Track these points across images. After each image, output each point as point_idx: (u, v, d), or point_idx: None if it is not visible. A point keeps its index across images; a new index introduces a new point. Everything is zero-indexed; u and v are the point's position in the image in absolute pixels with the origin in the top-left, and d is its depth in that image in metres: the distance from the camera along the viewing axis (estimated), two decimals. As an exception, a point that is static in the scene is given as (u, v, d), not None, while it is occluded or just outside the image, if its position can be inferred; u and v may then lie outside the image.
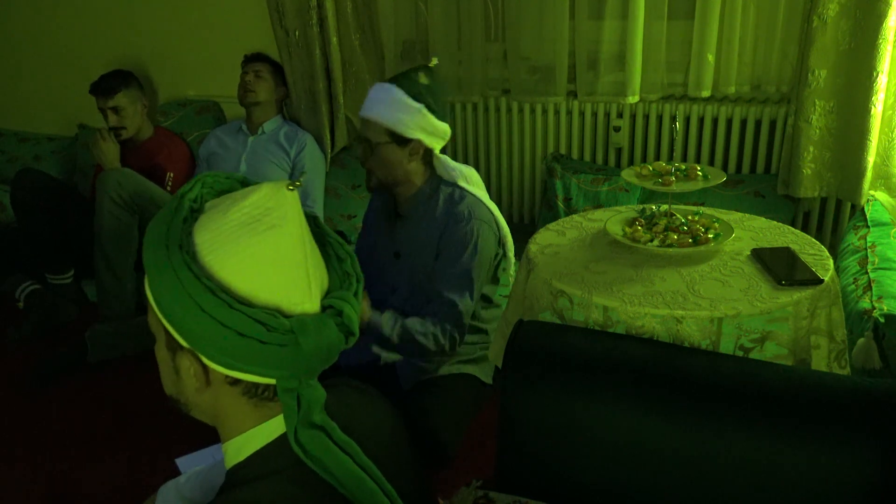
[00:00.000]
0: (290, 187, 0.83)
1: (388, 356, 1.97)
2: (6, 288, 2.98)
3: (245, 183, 0.91)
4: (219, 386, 0.85)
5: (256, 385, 0.84)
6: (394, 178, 1.96)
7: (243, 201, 0.82)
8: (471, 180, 2.02)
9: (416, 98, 1.88)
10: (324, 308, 0.85)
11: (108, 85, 3.00)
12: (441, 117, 1.92)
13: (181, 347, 0.83)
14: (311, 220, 0.91)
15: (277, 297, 0.81)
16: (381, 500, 0.85)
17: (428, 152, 1.96)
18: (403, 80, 1.90)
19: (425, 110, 1.89)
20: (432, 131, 1.92)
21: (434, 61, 1.99)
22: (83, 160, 3.52)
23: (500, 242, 2.01)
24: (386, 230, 2.06)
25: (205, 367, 0.83)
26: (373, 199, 2.22)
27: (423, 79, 1.91)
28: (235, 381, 0.84)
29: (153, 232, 0.83)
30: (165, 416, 2.22)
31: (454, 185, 1.99)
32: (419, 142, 1.91)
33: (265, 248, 0.80)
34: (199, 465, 1.32)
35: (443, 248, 1.94)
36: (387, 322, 1.85)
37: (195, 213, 0.86)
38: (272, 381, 0.83)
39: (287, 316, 0.81)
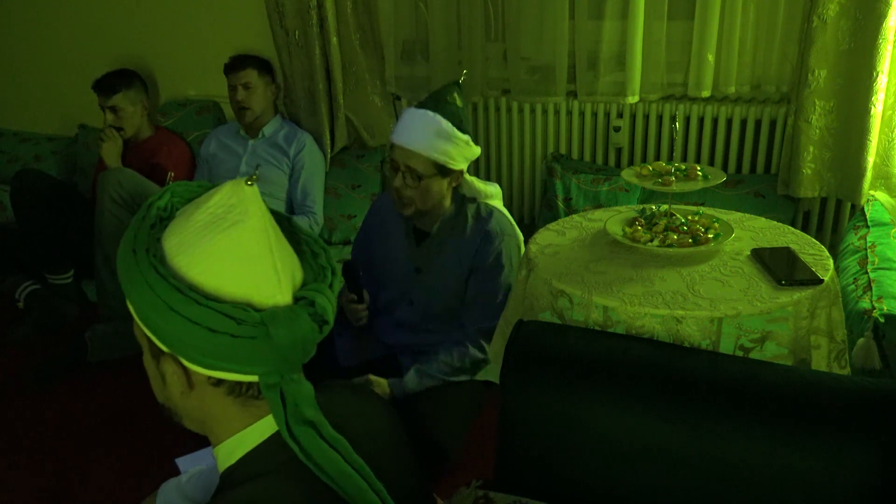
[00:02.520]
0: (249, 182, 0.84)
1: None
2: (6, 288, 2.98)
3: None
4: (203, 388, 0.85)
5: (240, 384, 0.84)
6: (432, 205, 1.93)
7: (207, 203, 0.84)
8: (493, 197, 2.03)
9: (460, 127, 1.85)
10: (297, 300, 0.85)
11: (108, 84, 3.01)
12: (476, 141, 1.92)
13: (162, 353, 0.84)
14: (285, 220, 0.92)
15: (246, 290, 0.81)
16: (371, 499, 0.85)
17: (461, 175, 1.95)
18: (444, 107, 1.84)
19: (471, 141, 1.88)
20: (471, 158, 1.92)
21: (463, 75, 1.97)
22: (83, 160, 3.52)
23: (520, 254, 2.02)
24: (402, 245, 2.05)
25: (186, 369, 0.84)
26: (376, 203, 2.20)
27: (458, 101, 1.87)
28: (218, 382, 0.84)
29: (123, 241, 0.85)
30: (165, 417, 2.22)
31: (475, 200, 2.00)
32: (461, 172, 1.92)
33: (229, 244, 0.81)
34: (199, 464, 1.32)
35: (477, 266, 1.95)
36: (412, 383, 1.91)
37: (164, 220, 0.87)
38: (254, 379, 0.83)
39: (258, 310, 0.81)
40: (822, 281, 1.38)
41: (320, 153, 3.02)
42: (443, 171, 1.87)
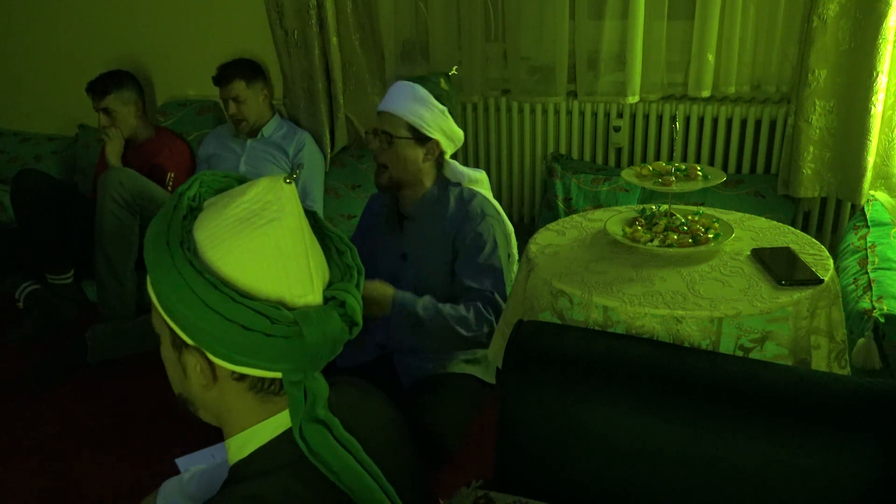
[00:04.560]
0: (287, 180, 0.84)
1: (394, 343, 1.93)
2: (6, 288, 2.98)
3: (243, 181, 0.91)
4: (225, 382, 0.85)
5: (262, 379, 0.85)
6: (406, 176, 1.96)
7: (242, 197, 0.83)
8: (479, 182, 2.05)
9: (439, 99, 1.92)
10: (326, 300, 0.85)
11: (100, 87, 3.01)
12: (458, 124, 1.97)
13: (186, 345, 0.84)
14: (310, 215, 0.91)
15: (280, 289, 0.81)
16: (380, 498, 0.85)
17: (441, 156, 1.98)
18: (426, 82, 1.93)
19: (447, 112, 1.93)
20: (450, 135, 1.96)
21: (454, 70, 2.04)
22: (83, 160, 3.52)
23: (507, 240, 2.03)
24: (390, 232, 2.06)
25: (211, 363, 0.83)
26: (370, 202, 2.21)
27: (444, 84, 1.95)
28: (242, 377, 0.84)
29: (154, 231, 0.83)
30: (165, 417, 2.22)
31: (460, 185, 2.01)
32: (437, 142, 1.94)
33: (265, 242, 0.80)
34: (198, 464, 1.32)
35: (460, 246, 1.96)
36: (414, 298, 1.86)
37: (194, 211, 0.86)
38: (278, 375, 0.84)
39: (290, 308, 0.81)
40: (822, 281, 1.38)
41: (320, 153, 3.02)
42: (417, 136, 1.91)
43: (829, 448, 1.09)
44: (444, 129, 1.94)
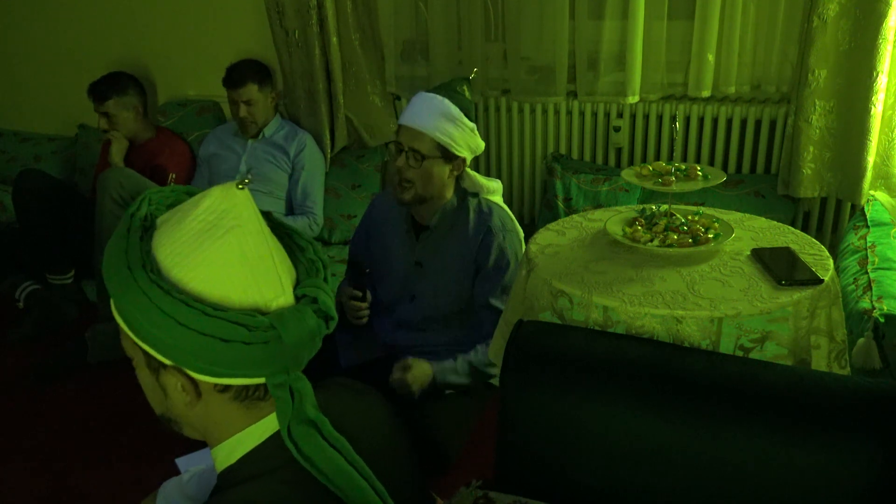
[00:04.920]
0: (240, 186, 0.83)
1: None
2: (6, 288, 2.98)
3: (191, 194, 0.89)
4: (209, 396, 0.84)
5: (246, 387, 0.84)
6: (431, 192, 1.92)
7: (195, 209, 0.82)
8: (495, 193, 2.04)
9: (467, 114, 1.87)
10: (297, 298, 0.85)
11: (100, 91, 3.01)
12: (481, 136, 1.94)
13: (164, 366, 0.83)
14: (265, 214, 0.90)
15: (252, 296, 0.81)
16: (372, 498, 0.85)
17: (463, 169, 1.96)
18: (453, 95, 1.87)
19: (476, 131, 1.89)
20: (475, 149, 1.93)
21: (474, 73, 2.00)
22: (83, 160, 3.52)
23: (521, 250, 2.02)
24: (405, 240, 2.04)
25: (192, 380, 0.83)
26: (375, 201, 2.19)
27: (467, 93, 1.90)
28: (225, 388, 0.83)
29: (111, 257, 0.82)
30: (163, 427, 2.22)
31: (477, 195, 2.00)
32: (463, 160, 1.91)
33: (229, 251, 0.80)
34: (199, 464, 1.32)
35: (482, 263, 1.94)
36: (452, 368, 1.90)
37: (148, 230, 0.85)
38: (262, 381, 0.83)
39: (264, 313, 0.81)
40: (822, 281, 1.38)
41: (320, 153, 3.02)
42: (445, 154, 1.87)
43: (829, 448, 1.09)
44: (472, 146, 1.90)
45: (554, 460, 1.27)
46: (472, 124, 1.87)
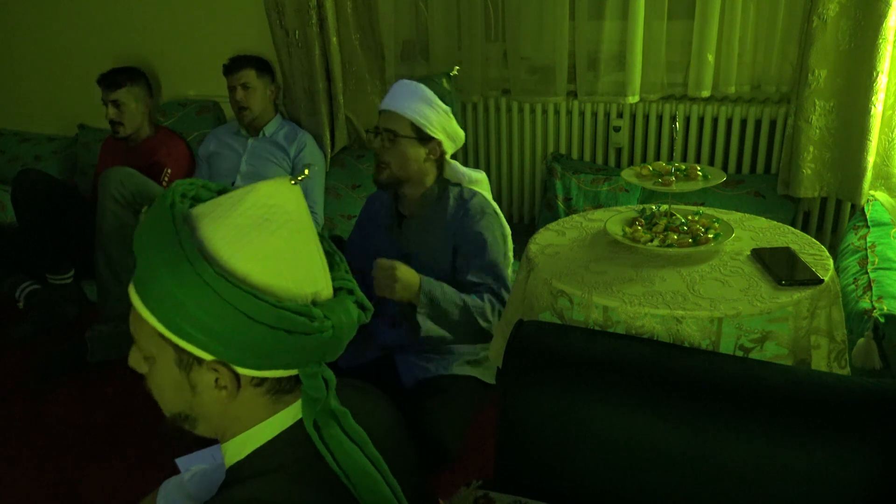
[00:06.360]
0: (293, 182, 0.84)
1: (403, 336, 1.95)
2: (6, 288, 2.98)
3: (207, 187, 0.90)
4: (244, 390, 0.85)
5: (280, 380, 0.85)
6: (407, 174, 1.97)
7: (243, 204, 0.82)
8: (479, 183, 2.05)
9: (443, 99, 1.93)
10: (335, 291, 0.88)
11: (114, 78, 3.04)
12: (460, 124, 1.98)
13: (199, 362, 0.82)
14: None
15: (306, 289, 0.83)
16: (385, 492, 0.85)
17: (442, 155, 1.98)
18: (429, 82, 1.94)
19: (451, 113, 1.94)
20: (452, 135, 1.97)
21: (455, 70, 2.04)
22: (83, 160, 3.52)
23: (505, 240, 2.03)
24: (390, 232, 2.06)
25: (236, 374, 0.83)
26: (369, 201, 2.21)
27: (445, 83, 1.96)
28: (262, 381, 0.84)
29: (164, 252, 0.78)
30: (165, 417, 2.22)
31: (460, 185, 2.02)
32: (439, 143, 1.95)
33: (285, 244, 0.82)
34: (199, 464, 1.32)
35: (460, 244, 1.96)
36: (439, 283, 1.85)
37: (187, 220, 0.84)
38: (294, 372, 0.85)
39: (316, 305, 0.83)
40: (822, 281, 1.38)
41: (321, 153, 3.02)
42: (420, 135, 1.92)
43: (829, 448, 1.09)
44: (447, 130, 1.95)
45: (554, 460, 1.27)
46: (445, 107, 1.93)
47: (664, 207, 1.70)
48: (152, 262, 0.79)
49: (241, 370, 0.82)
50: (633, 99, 2.70)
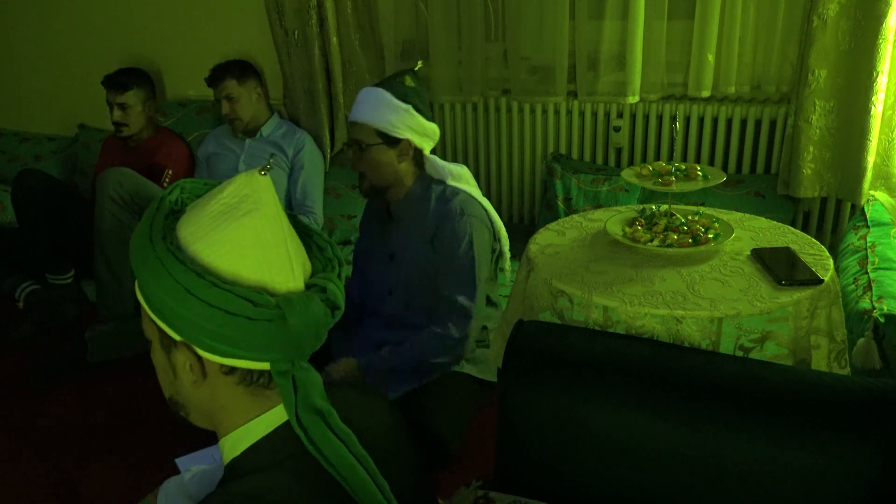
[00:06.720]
0: (262, 172, 0.86)
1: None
2: (6, 288, 2.98)
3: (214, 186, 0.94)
4: (215, 377, 0.86)
5: (251, 372, 0.86)
6: (385, 180, 1.97)
7: (220, 194, 0.86)
8: (462, 178, 2.04)
9: (403, 99, 1.92)
10: (308, 287, 0.87)
11: (121, 81, 3.04)
12: (428, 118, 1.96)
13: (174, 343, 0.85)
14: (290, 216, 0.93)
15: (262, 276, 0.83)
16: (373, 491, 0.85)
17: (418, 153, 1.98)
18: (389, 84, 1.94)
19: (413, 110, 1.92)
20: (421, 131, 1.95)
21: (419, 64, 2.05)
22: (83, 160, 3.52)
23: (495, 237, 2.02)
24: (379, 233, 2.07)
25: (200, 358, 0.85)
26: (368, 204, 2.22)
27: (409, 82, 1.95)
28: (231, 370, 0.85)
29: (137, 233, 0.87)
30: (165, 416, 2.22)
31: (444, 183, 2.01)
32: (408, 142, 1.94)
33: (245, 231, 0.83)
34: (199, 464, 1.32)
35: (438, 246, 1.95)
36: (377, 356, 1.88)
37: (176, 213, 0.89)
38: (266, 366, 0.85)
39: (273, 294, 0.83)
40: (822, 281, 1.38)
41: (320, 153, 3.02)
42: (386, 139, 1.92)
43: (829, 448, 1.09)
44: (413, 127, 1.93)
45: (554, 460, 1.27)
46: (406, 105, 1.91)
47: (664, 207, 1.70)
48: (133, 239, 0.87)
49: (202, 353, 0.84)
50: (633, 99, 2.70)
